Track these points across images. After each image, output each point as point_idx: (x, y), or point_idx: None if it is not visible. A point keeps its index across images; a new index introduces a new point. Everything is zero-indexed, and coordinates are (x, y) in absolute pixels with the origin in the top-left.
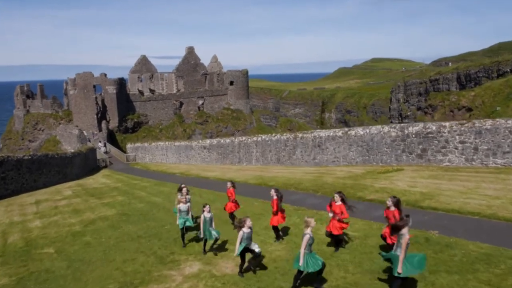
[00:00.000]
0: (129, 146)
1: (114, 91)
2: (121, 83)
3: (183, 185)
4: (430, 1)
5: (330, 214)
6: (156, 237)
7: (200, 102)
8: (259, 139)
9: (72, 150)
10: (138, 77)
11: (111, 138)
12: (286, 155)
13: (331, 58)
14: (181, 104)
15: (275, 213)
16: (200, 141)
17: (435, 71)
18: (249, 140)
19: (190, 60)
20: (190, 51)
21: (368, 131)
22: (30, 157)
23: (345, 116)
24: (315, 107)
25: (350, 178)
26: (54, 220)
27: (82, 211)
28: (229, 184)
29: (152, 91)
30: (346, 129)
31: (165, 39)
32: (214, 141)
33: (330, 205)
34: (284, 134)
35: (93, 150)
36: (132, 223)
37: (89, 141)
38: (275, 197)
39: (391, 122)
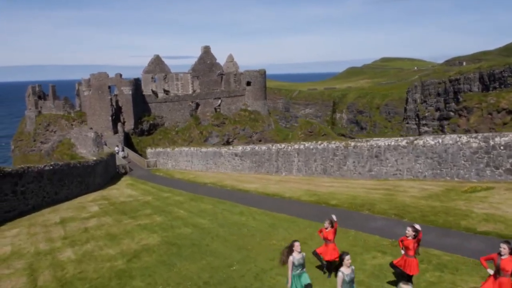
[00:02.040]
0: (149, 151)
1: (130, 92)
2: (136, 84)
3: (296, 242)
4: (437, 0)
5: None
6: (228, 284)
7: (217, 103)
8: (302, 146)
9: (88, 154)
10: (152, 78)
11: (127, 141)
12: (335, 165)
13: (336, 58)
14: (197, 105)
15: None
16: (231, 148)
17: (454, 70)
18: (290, 147)
19: (206, 60)
20: (206, 50)
21: (440, 141)
22: (51, 167)
23: (357, 117)
24: (326, 107)
25: (432, 198)
26: (88, 249)
27: (118, 237)
28: (327, 224)
29: (166, 91)
30: (412, 138)
31: (168, 39)
32: (248, 147)
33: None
34: (333, 142)
35: (113, 156)
36: (187, 259)
37: (105, 144)
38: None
39: (407, 123)
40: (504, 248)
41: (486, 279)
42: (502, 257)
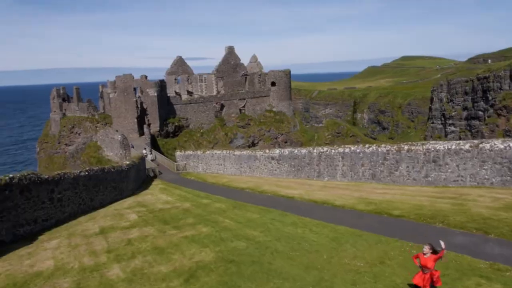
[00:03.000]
0: (178, 153)
1: (155, 94)
2: (161, 86)
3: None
4: None
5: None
6: None
7: (242, 104)
8: (347, 150)
9: (115, 157)
10: (175, 79)
11: (153, 143)
12: (386, 170)
13: (354, 57)
14: (222, 106)
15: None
16: (267, 151)
17: (479, 68)
18: (333, 151)
19: (230, 61)
20: (230, 51)
21: (511, 144)
22: (87, 173)
23: (378, 117)
24: (346, 107)
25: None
26: (137, 266)
27: (166, 251)
28: (426, 248)
29: (190, 93)
30: (476, 141)
31: (184, 41)
32: (286, 151)
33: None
34: (383, 145)
35: (143, 159)
36: (251, 280)
37: (132, 147)
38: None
39: (432, 123)
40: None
41: None
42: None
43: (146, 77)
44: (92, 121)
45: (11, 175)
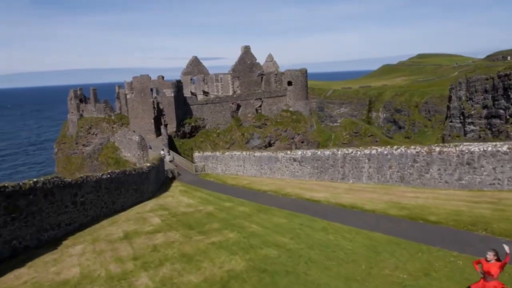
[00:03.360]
0: (197, 154)
1: (172, 94)
2: (178, 86)
3: None
4: None
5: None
6: None
7: (258, 104)
8: (374, 152)
9: (132, 158)
10: (191, 79)
11: (170, 144)
12: (415, 173)
13: (369, 56)
14: (239, 106)
15: None
16: (289, 152)
17: (499, 65)
18: (359, 152)
19: (246, 60)
20: (246, 50)
21: None
22: (108, 175)
23: (394, 116)
24: (361, 106)
25: None
26: (166, 275)
27: (195, 259)
28: (490, 255)
29: (205, 93)
30: None
31: (196, 41)
32: (308, 152)
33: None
34: (412, 146)
35: (162, 161)
36: None
37: (150, 147)
38: None
39: (451, 121)
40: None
41: None
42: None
43: (163, 77)
44: (109, 121)
45: (35, 179)
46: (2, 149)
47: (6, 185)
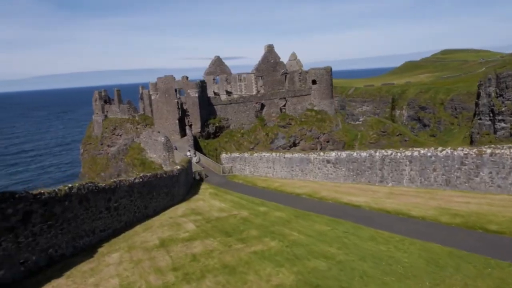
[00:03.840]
0: (224, 155)
1: (196, 95)
2: (202, 86)
3: None
4: None
5: None
6: None
7: (282, 103)
8: (416, 153)
9: (158, 159)
10: (213, 79)
11: (195, 145)
12: (463, 176)
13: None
14: (263, 106)
15: None
16: (321, 153)
17: None
18: (399, 154)
19: (269, 59)
20: (270, 49)
21: None
22: (141, 179)
23: (418, 113)
24: (384, 104)
25: None
26: None
27: (238, 270)
28: None
29: (228, 93)
30: None
31: (216, 40)
32: (343, 153)
33: None
34: (459, 148)
35: (190, 163)
36: None
37: (176, 148)
38: None
39: (480, 119)
40: None
41: None
42: None
43: (187, 78)
44: (132, 122)
45: (70, 185)
46: (30, 150)
47: (42, 191)
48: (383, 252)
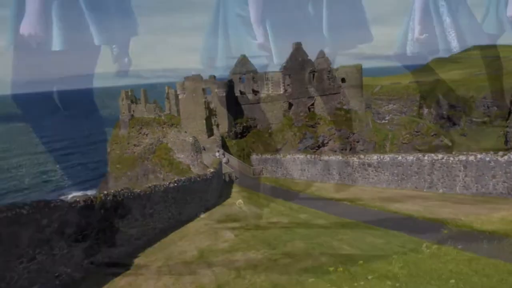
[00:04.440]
0: (254, 157)
1: (224, 94)
2: (229, 86)
3: None
4: None
5: None
6: None
7: (310, 102)
8: (471, 158)
9: (186, 159)
10: (239, 78)
11: (222, 145)
12: None
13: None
14: (290, 105)
15: None
16: (362, 156)
17: None
18: (451, 158)
19: (297, 57)
20: (298, 47)
21: None
22: (175, 184)
23: (448, 112)
24: (412, 102)
25: None
26: None
27: None
28: None
29: (255, 92)
30: None
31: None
32: (387, 157)
33: None
34: None
35: (221, 164)
36: None
37: (204, 149)
38: None
39: None
40: None
41: None
42: None
43: (214, 77)
44: (159, 122)
45: (105, 192)
46: (60, 149)
47: (78, 199)
48: (469, 276)
